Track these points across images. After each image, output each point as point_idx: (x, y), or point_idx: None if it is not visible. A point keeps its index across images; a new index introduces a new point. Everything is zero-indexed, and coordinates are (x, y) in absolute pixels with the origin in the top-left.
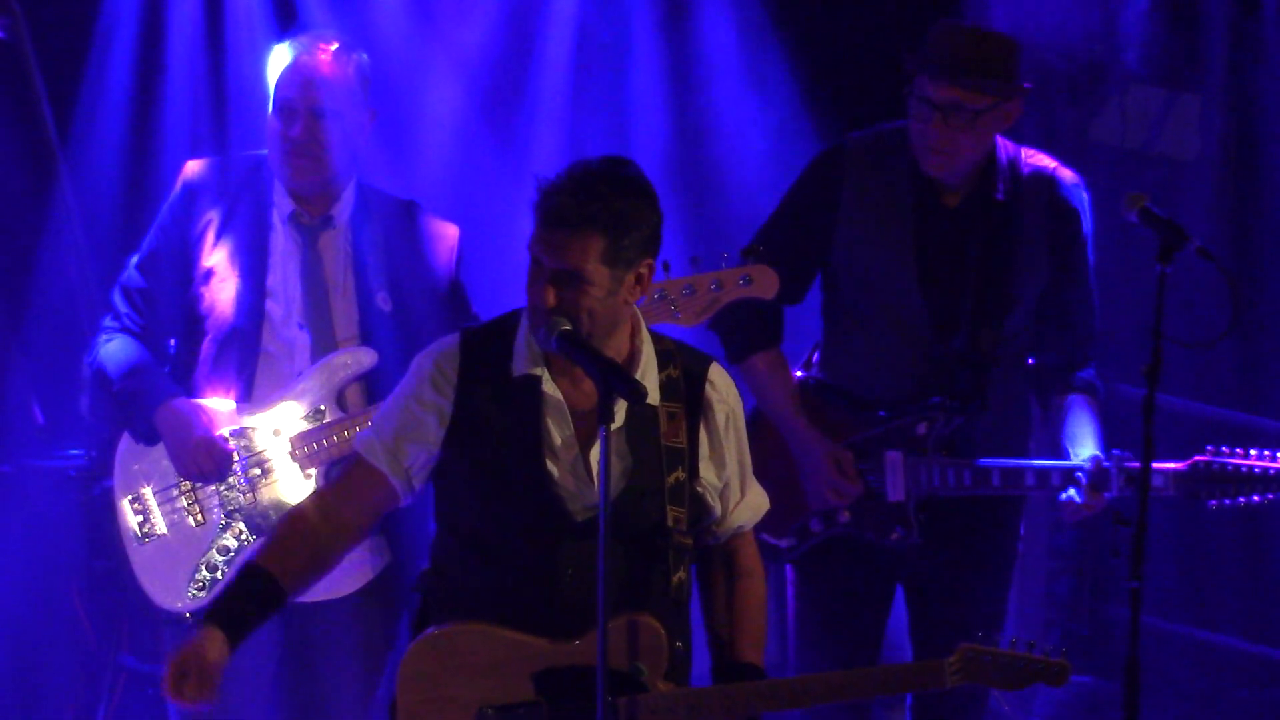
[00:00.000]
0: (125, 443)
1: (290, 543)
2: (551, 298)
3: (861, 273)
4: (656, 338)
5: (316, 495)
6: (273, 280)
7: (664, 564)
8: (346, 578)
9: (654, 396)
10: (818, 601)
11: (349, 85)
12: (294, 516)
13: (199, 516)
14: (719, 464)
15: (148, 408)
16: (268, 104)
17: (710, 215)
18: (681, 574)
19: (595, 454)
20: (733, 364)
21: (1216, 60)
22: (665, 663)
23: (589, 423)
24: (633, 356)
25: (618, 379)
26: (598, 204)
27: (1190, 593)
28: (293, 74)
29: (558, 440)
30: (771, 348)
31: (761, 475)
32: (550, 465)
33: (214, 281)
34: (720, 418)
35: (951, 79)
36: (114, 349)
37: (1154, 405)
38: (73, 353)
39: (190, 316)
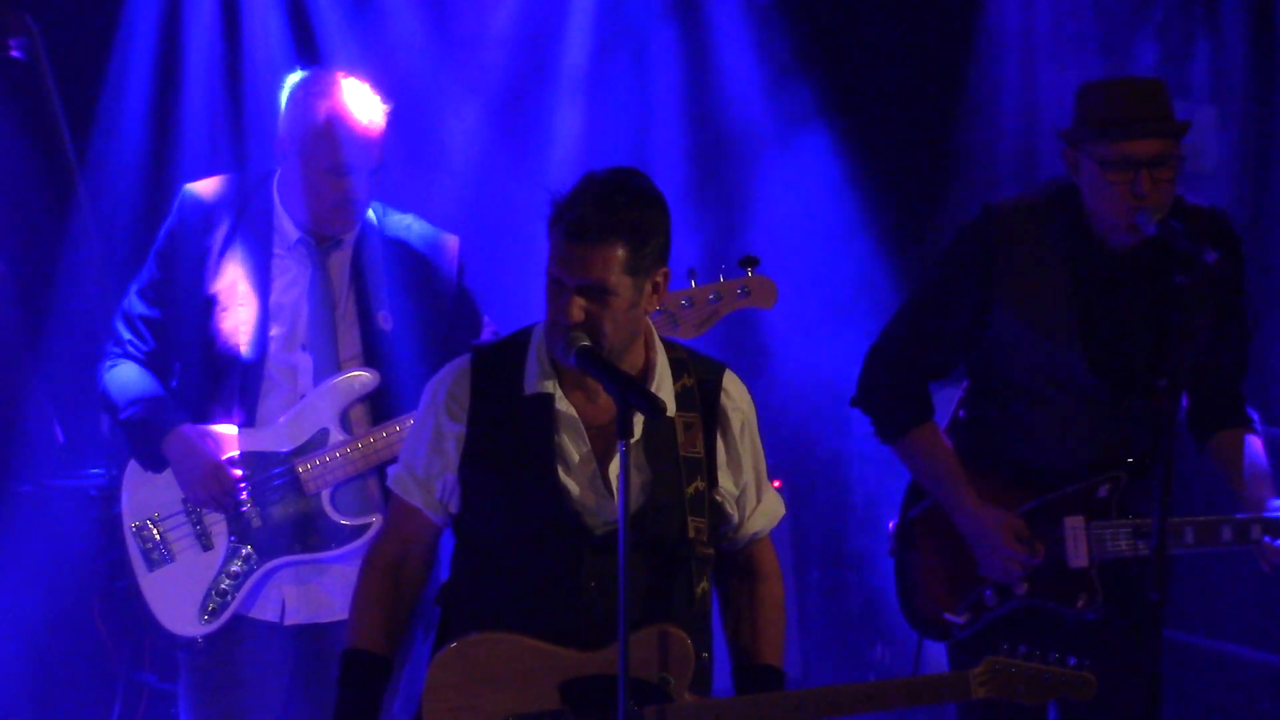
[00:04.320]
0: (132, 470)
1: (370, 614)
2: (578, 312)
3: (1022, 342)
4: (669, 346)
5: (372, 553)
6: (275, 304)
7: (686, 575)
8: None
9: (670, 407)
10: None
11: (385, 139)
12: (361, 588)
13: (207, 541)
14: (736, 472)
15: (155, 435)
16: (290, 136)
17: (723, 226)
18: (704, 584)
19: (613, 468)
20: (887, 443)
21: (1233, 71)
22: (691, 673)
23: (605, 437)
24: (648, 368)
25: (636, 394)
26: (618, 215)
27: (1210, 605)
28: (351, 136)
29: (574, 456)
30: (927, 422)
31: (934, 550)
32: (567, 481)
33: (217, 309)
34: (736, 425)
35: (1152, 132)
36: (119, 376)
37: (1174, 419)
38: (93, 372)
39: (194, 342)
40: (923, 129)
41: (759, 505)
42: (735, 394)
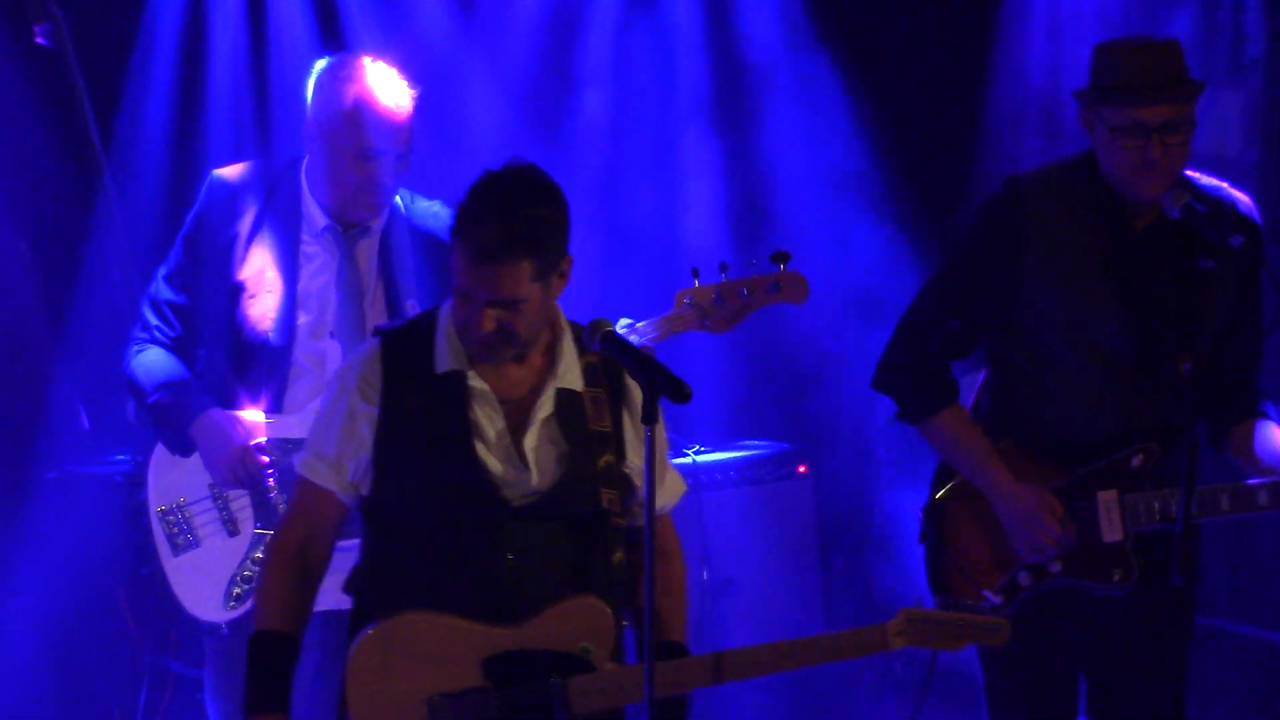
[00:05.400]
0: (158, 454)
1: (279, 597)
2: (490, 323)
3: (1054, 312)
4: (574, 325)
5: (280, 537)
6: (303, 291)
7: (604, 545)
8: None
9: (578, 383)
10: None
11: (412, 124)
12: (269, 571)
13: (233, 528)
14: (641, 447)
15: (183, 420)
16: (316, 121)
17: (749, 216)
18: (620, 554)
19: (529, 440)
20: (912, 424)
21: (1257, 57)
22: (612, 642)
23: (518, 411)
24: (554, 344)
25: (663, 380)
26: (520, 228)
27: (1236, 589)
28: (378, 120)
29: (490, 431)
30: (953, 403)
31: (965, 532)
32: (484, 455)
33: (244, 295)
34: (639, 400)
35: (1163, 99)
36: (146, 361)
37: (1197, 402)
38: (118, 358)
39: (221, 329)
40: (948, 107)
41: (665, 478)
42: None
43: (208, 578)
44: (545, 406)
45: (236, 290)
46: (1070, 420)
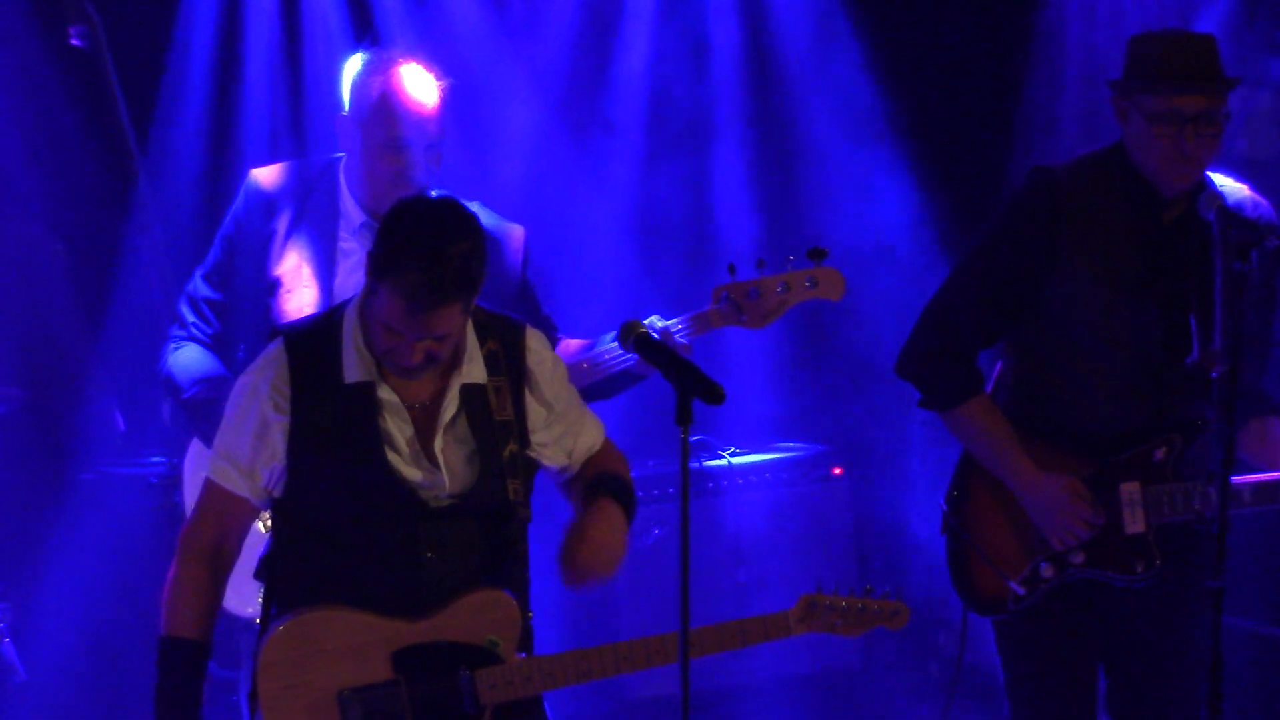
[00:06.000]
0: (194, 449)
1: (189, 601)
2: (420, 355)
3: (1084, 302)
4: (477, 308)
5: (190, 539)
6: (340, 288)
7: (512, 537)
8: None
9: (481, 375)
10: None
11: (443, 116)
12: (179, 575)
13: (268, 522)
14: (553, 420)
15: (219, 415)
16: (350, 117)
17: (785, 213)
18: (524, 544)
19: (439, 444)
20: (936, 411)
21: None
22: (519, 634)
23: (427, 415)
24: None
25: (694, 381)
26: (450, 274)
27: (1268, 591)
28: (406, 111)
29: (400, 439)
30: (981, 393)
31: (987, 524)
32: (396, 462)
33: (282, 292)
34: (544, 376)
35: (1200, 89)
36: (183, 357)
37: (1235, 404)
38: (154, 361)
39: (258, 325)
40: (983, 99)
41: (584, 427)
42: (537, 348)
43: (243, 572)
44: (451, 407)
45: (274, 286)
46: (1093, 412)
